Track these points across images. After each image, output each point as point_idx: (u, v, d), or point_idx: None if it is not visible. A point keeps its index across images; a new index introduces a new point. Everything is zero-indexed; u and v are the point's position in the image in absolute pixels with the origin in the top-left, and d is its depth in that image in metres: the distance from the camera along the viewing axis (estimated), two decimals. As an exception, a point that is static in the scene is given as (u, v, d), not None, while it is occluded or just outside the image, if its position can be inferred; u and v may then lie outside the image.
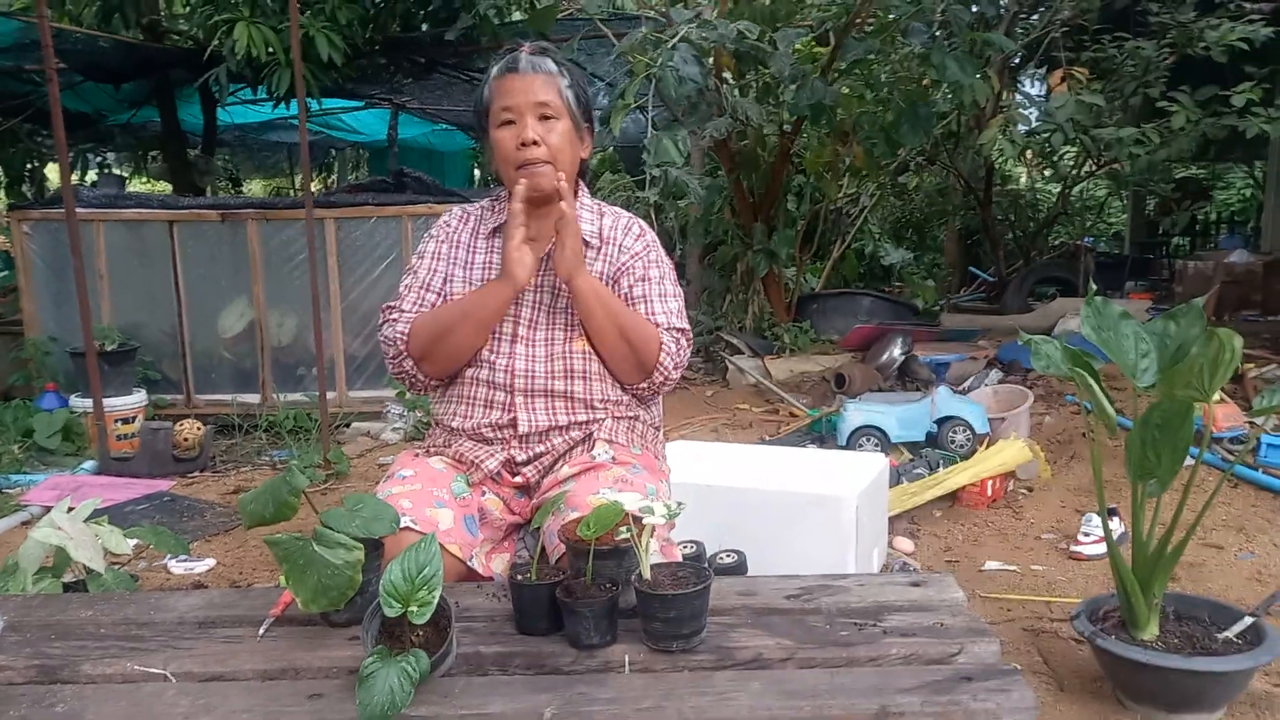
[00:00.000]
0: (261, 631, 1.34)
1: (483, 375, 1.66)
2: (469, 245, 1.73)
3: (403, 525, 1.33)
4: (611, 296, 1.65)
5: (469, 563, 1.53)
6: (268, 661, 1.26)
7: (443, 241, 1.74)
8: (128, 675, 1.26)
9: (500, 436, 1.66)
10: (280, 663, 1.26)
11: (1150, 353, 1.89)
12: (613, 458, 1.65)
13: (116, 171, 10.18)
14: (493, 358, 1.65)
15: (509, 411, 1.66)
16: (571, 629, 1.26)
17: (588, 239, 1.69)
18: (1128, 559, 2.00)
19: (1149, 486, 1.90)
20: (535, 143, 1.60)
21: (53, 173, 9.16)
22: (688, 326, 1.71)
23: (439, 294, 1.69)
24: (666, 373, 1.66)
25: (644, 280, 1.69)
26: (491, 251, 1.71)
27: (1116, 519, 2.91)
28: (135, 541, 2.32)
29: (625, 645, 1.26)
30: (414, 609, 1.14)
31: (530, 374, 1.65)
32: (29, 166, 8.55)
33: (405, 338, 1.65)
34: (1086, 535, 2.87)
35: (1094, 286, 1.92)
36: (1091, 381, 1.74)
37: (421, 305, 1.69)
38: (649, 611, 1.25)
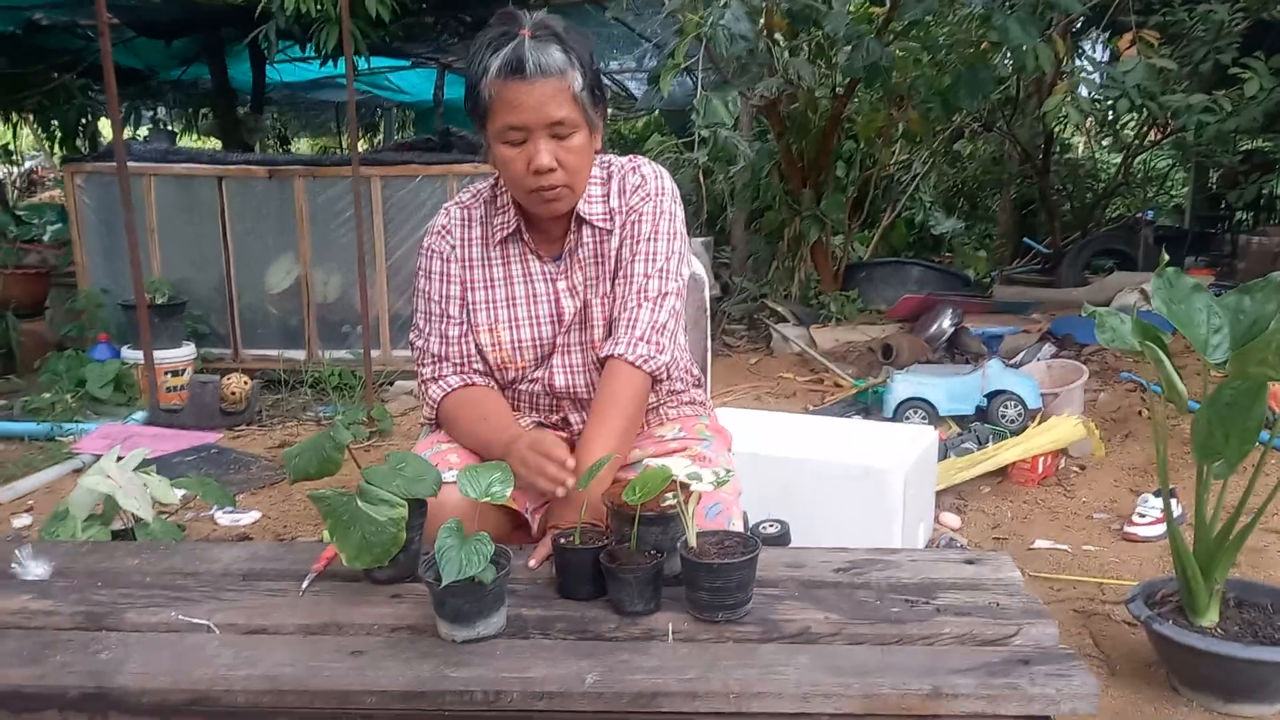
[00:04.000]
0: (305, 586, 1.34)
1: (523, 388, 1.61)
2: (483, 260, 1.58)
3: (448, 479, 1.31)
4: (609, 421, 1.47)
5: (526, 514, 1.52)
6: (310, 616, 1.26)
7: (449, 260, 1.58)
8: (172, 625, 1.26)
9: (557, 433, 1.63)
10: (323, 618, 1.25)
11: (1223, 328, 1.80)
12: (681, 434, 1.61)
13: (168, 127, 10.29)
14: (533, 372, 1.59)
15: (559, 413, 1.63)
16: (615, 595, 1.24)
17: (601, 224, 1.55)
18: (1188, 543, 1.93)
19: (1215, 468, 1.82)
20: (551, 169, 1.43)
21: (105, 127, 9.28)
22: (668, 290, 1.54)
23: (460, 323, 1.58)
24: (656, 369, 1.52)
25: (632, 239, 1.55)
26: (509, 262, 1.57)
27: (1174, 501, 2.82)
28: (182, 492, 2.36)
29: (669, 614, 1.23)
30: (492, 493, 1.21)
31: (571, 386, 1.59)
32: (83, 121, 8.67)
33: (435, 405, 1.59)
34: (1142, 516, 2.79)
35: (1165, 257, 1.83)
36: (1163, 356, 1.66)
37: (447, 341, 1.58)
38: (694, 580, 1.22)
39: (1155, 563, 2.58)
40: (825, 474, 2.38)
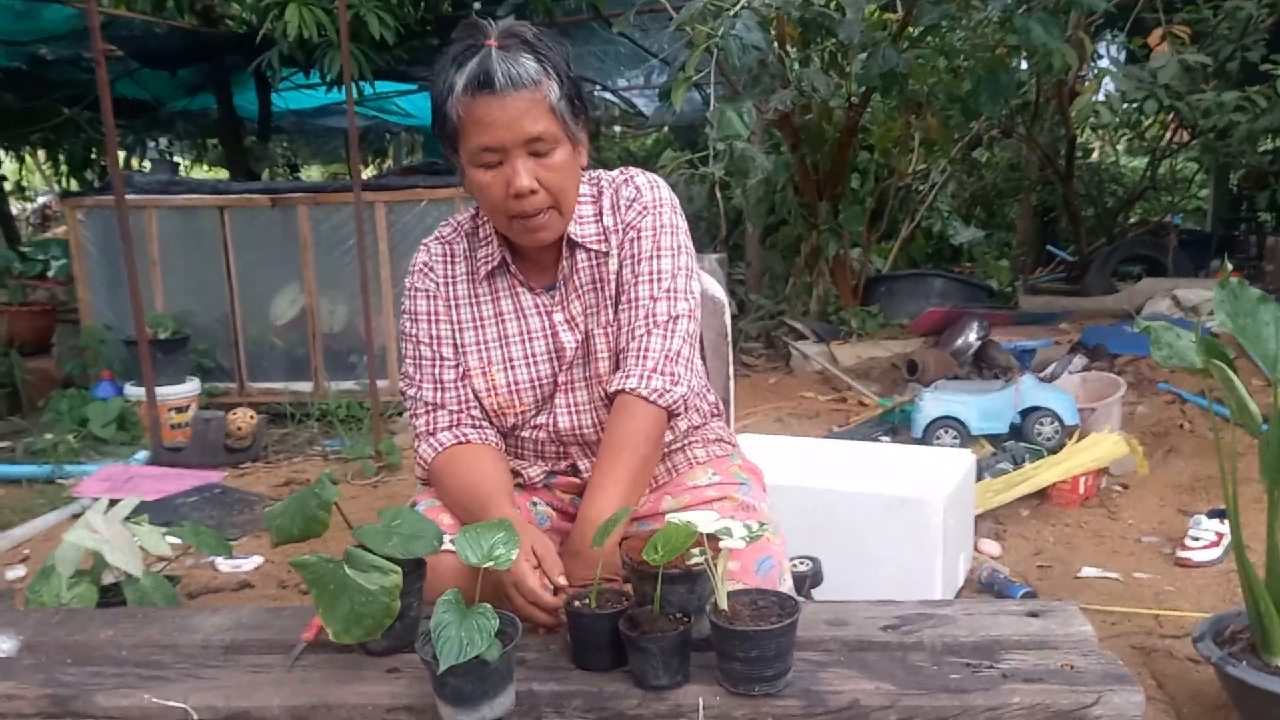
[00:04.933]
0: (291, 660, 1.20)
1: (526, 434, 1.46)
2: (470, 298, 1.44)
3: (445, 546, 1.17)
4: (620, 465, 1.33)
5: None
6: (297, 696, 1.12)
7: (435, 297, 1.45)
8: (144, 709, 1.13)
9: (565, 480, 1.50)
10: (311, 698, 1.12)
11: (1294, 342, 1.65)
12: (717, 479, 1.47)
13: (177, 159, 10.29)
14: (534, 417, 1.44)
15: (566, 459, 1.48)
16: (636, 666, 1.10)
17: (595, 246, 1.41)
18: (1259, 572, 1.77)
19: (1290, 493, 1.67)
20: (533, 190, 1.30)
21: (116, 161, 9.26)
22: (679, 312, 1.38)
23: (456, 365, 1.43)
24: (673, 403, 1.37)
25: (633, 259, 1.40)
26: (498, 298, 1.43)
27: (1225, 522, 2.65)
28: (178, 540, 2.23)
29: (699, 686, 1.09)
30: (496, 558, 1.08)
31: (577, 428, 1.44)
32: (90, 155, 8.66)
33: (425, 464, 1.44)
34: (1195, 539, 2.62)
35: (1228, 266, 1.68)
36: (1232, 376, 1.51)
37: (442, 386, 1.43)
38: (727, 649, 1.07)
39: (1215, 591, 2.41)
40: (859, 505, 2.23)
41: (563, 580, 1.23)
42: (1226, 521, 2.60)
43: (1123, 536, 2.82)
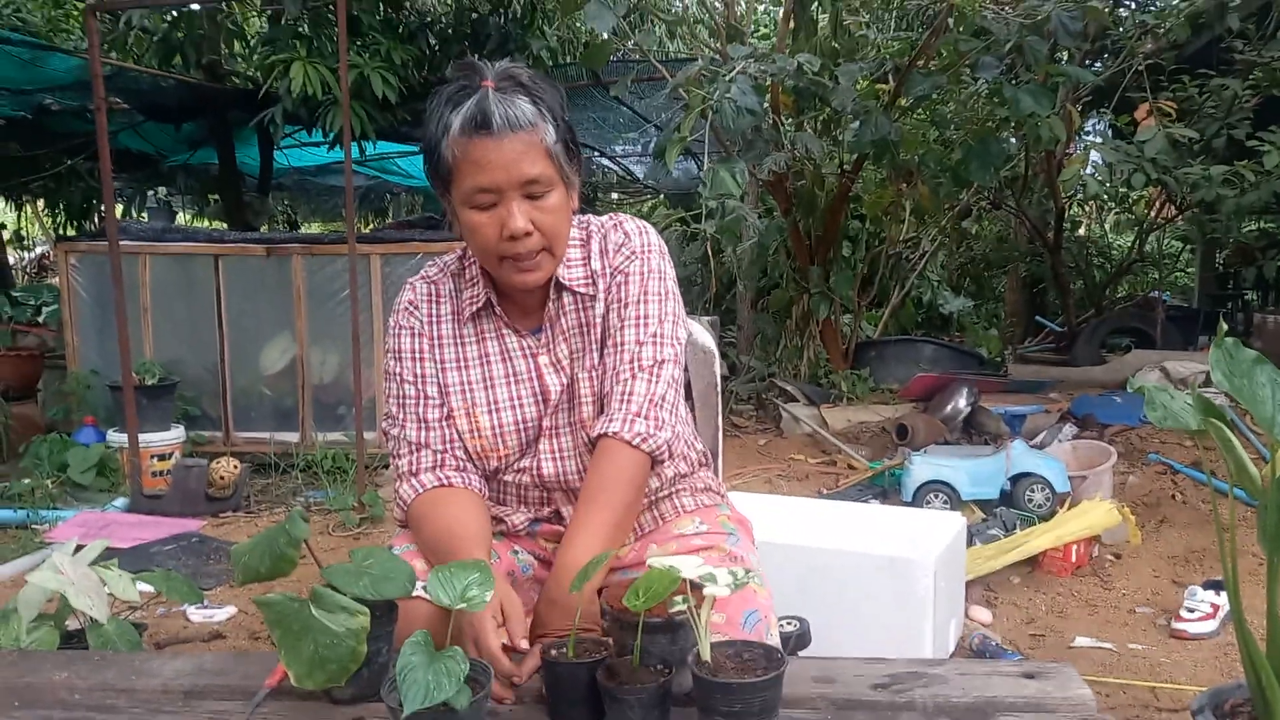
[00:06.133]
0: (252, 707, 1.14)
1: (509, 479, 1.43)
2: (454, 338, 1.42)
3: (415, 593, 1.12)
4: (601, 509, 1.29)
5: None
6: (256, 745, 1.07)
7: (420, 335, 1.42)
8: (93, 756, 1.07)
9: (549, 529, 1.46)
10: (270, 747, 1.06)
11: (1289, 404, 1.63)
12: (704, 529, 1.43)
13: (176, 209, 10.34)
14: (518, 461, 1.41)
15: (549, 505, 1.44)
16: (615, 718, 1.05)
17: (583, 289, 1.39)
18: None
19: (1289, 560, 1.63)
20: (528, 233, 1.28)
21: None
22: (664, 357, 1.36)
23: (440, 404, 1.40)
24: (656, 448, 1.33)
25: (620, 303, 1.38)
26: (484, 339, 1.41)
27: (1221, 594, 2.60)
28: (148, 587, 2.17)
29: (679, 742, 1.04)
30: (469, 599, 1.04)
31: (561, 473, 1.40)
32: (87, 204, 8.71)
33: (405, 505, 1.40)
34: (1191, 611, 2.57)
35: (1224, 326, 1.67)
36: (1231, 437, 1.49)
37: (426, 425, 1.40)
38: (709, 702, 1.02)
39: (1212, 663, 2.35)
40: (847, 565, 2.18)
41: (524, 645, 1.17)
42: (1222, 593, 2.56)
43: (1116, 606, 2.77)
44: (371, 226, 12.95)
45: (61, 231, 9.33)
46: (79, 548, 1.95)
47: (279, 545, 1.11)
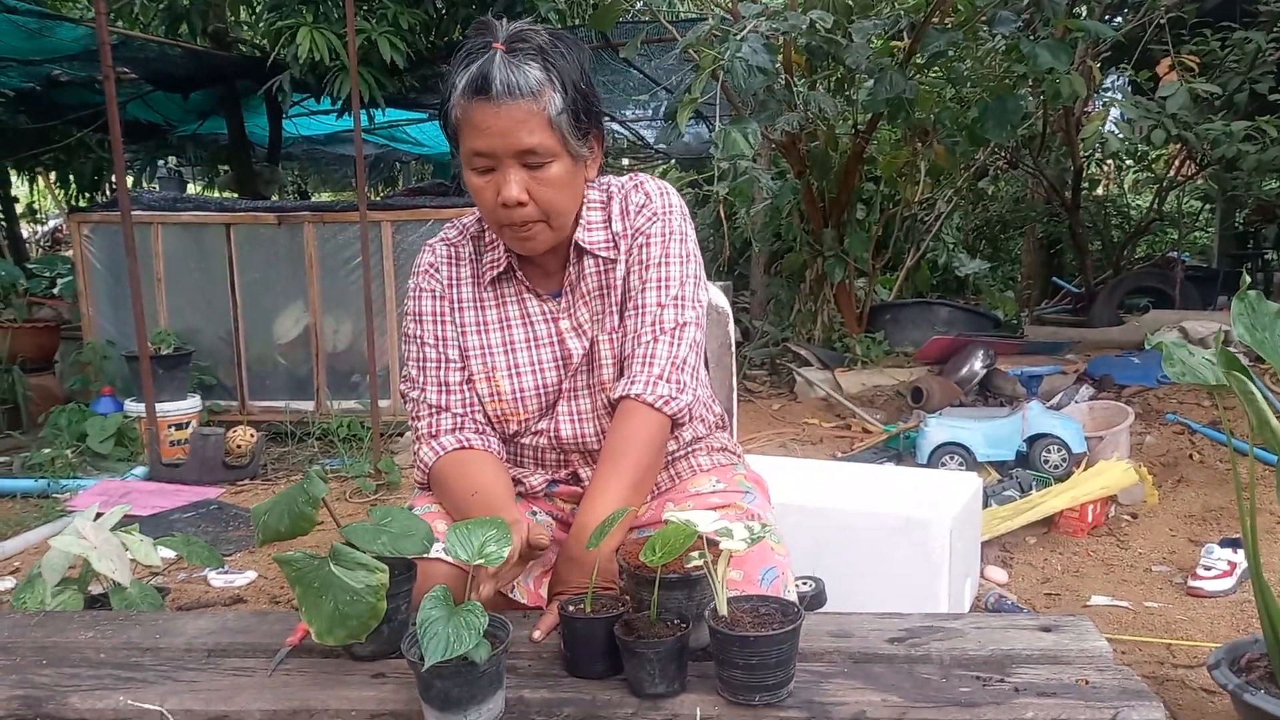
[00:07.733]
0: (274, 664, 1.16)
1: (526, 441, 1.42)
2: (475, 302, 1.41)
3: (434, 554, 1.12)
4: (621, 470, 1.28)
5: (510, 593, 1.32)
6: (278, 700, 1.08)
7: (441, 298, 1.42)
8: (119, 711, 1.09)
9: (567, 489, 1.46)
10: (292, 702, 1.07)
11: (1311, 358, 1.61)
12: (721, 487, 1.43)
13: (186, 180, 10.32)
14: (536, 424, 1.41)
15: (567, 467, 1.44)
16: (632, 673, 1.05)
17: (604, 252, 1.38)
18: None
19: (1309, 515, 1.62)
20: (521, 203, 1.26)
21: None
22: (686, 320, 1.35)
23: (461, 368, 1.40)
24: (678, 411, 1.32)
25: (641, 265, 1.37)
26: (504, 303, 1.41)
27: (1238, 551, 2.59)
28: (169, 553, 2.19)
29: (697, 695, 1.05)
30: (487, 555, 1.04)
31: (579, 435, 1.40)
32: (98, 175, 8.71)
33: (426, 467, 1.39)
34: (1207, 569, 2.56)
35: (1246, 278, 1.64)
36: (1254, 390, 1.47)
37: (447, 389, 1.39)
38: (726, 656, 1.03)
39: (1228, 620, 2.35)
40: (863, 526, 2.18)
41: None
42: (1239, 551, 2.55)
43: (1132, 565, 2.76)
44: (382, 195, 12.91)
45: (74, 203, 9.35)
46: (100, 514, 1.98)
47: (298, 504, 1.11)
